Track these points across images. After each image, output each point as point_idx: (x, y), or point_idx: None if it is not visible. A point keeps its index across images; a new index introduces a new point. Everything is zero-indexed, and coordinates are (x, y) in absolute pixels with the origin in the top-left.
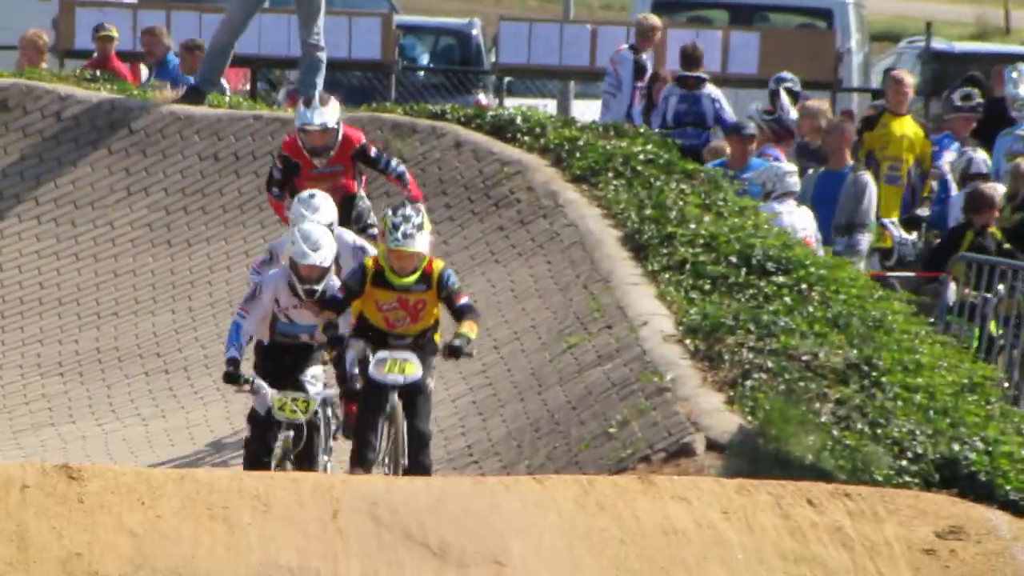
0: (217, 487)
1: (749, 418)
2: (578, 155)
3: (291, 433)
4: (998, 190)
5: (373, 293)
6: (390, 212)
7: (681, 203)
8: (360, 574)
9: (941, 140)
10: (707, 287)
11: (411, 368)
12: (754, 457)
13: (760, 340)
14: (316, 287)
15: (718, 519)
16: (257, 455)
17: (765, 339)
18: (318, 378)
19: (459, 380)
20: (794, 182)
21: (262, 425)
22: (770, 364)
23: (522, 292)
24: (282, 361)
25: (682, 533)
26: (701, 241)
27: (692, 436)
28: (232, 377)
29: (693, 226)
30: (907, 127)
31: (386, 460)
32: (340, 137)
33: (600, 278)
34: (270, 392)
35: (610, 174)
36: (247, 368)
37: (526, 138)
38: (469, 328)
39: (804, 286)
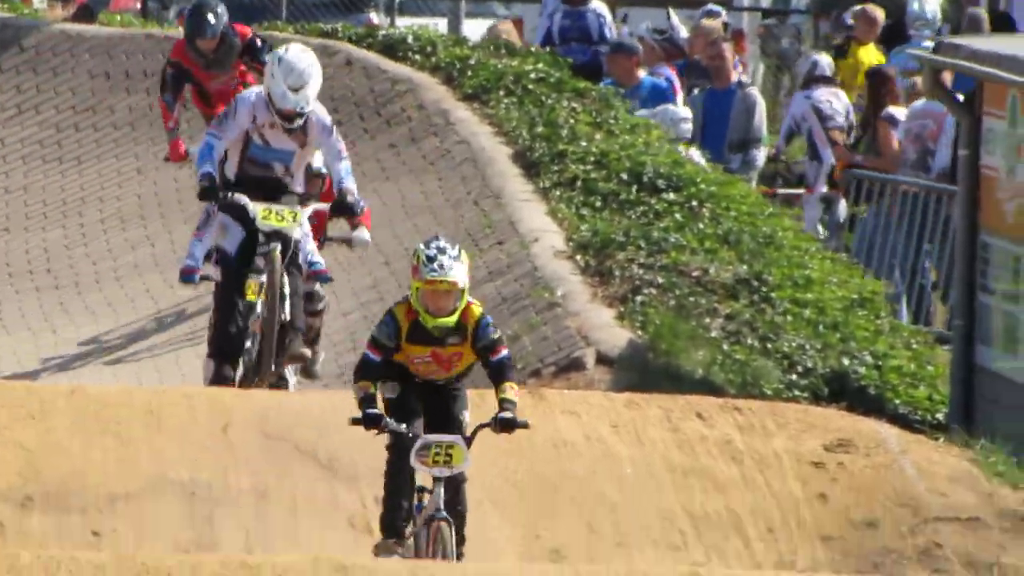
0: (108, 402)
1: (639, 333)
2: (469, 74)
3: (278, 245)
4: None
5: (406, 350)
6: (421, 245)
7: (572, 121)
8: (250, 487)
9: None
10: (598, 204)
11: (458, 456)
12: (644, 371)
13: (650, 256)
14: (293, 125)
15: (607, 433)
16: (229, 301)
17: (655, 255)
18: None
19: (350, 295)
20: (687, 128)
21: (232, 266)
22: (660, 280)
23: (413, 208)
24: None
25: (572, 446)
26: (592, 158)
27: (582, 351)
28: (209, 192)
29: (584, 144)
30: (872, 56)
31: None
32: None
33: (491, 195)
34: (251, 204)
35: (501, 92)
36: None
37: (417, 57)
38: (511, 391)
39: (695, 203)
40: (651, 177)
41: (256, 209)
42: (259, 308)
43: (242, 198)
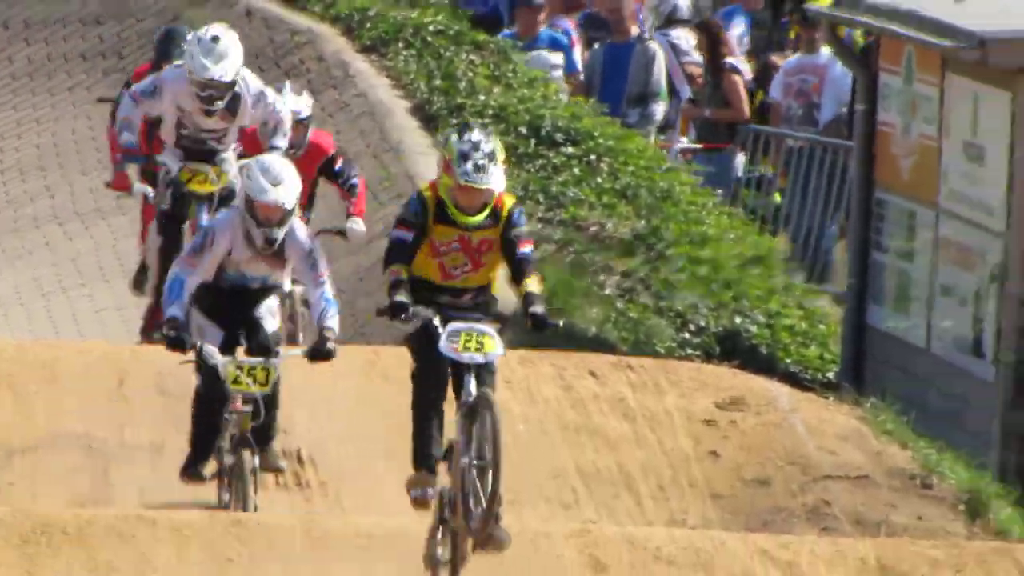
0: (3, 355)
1: None
2: (369, 25)
3: (249, 408)
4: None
5: (431, 232)
6: (454, 136)
7: (471, 74)
8: (147, 442)
9: (730, 13)
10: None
11: (490, 344)
12: None
13: (549, 211)
14: (276, 233)
15: (503, 390)
16: (209, 409)
17: (554, 210)
18: (274, 313)
19: None
20: (558, 75)
21: (215, 374)
22: (558, 235)
23: None
24: (230, 298)
25: None
26: (490, 112)
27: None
28: (176, 342)
29: (482, 97)
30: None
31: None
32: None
33: (390, 148)
34: (221, 361)
35: (400, 44)
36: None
37: (317, 7)
38: (535, 285)
39: (593, 157)
40: (549, 131)
41: (226, 371)
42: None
43: (212, 352)
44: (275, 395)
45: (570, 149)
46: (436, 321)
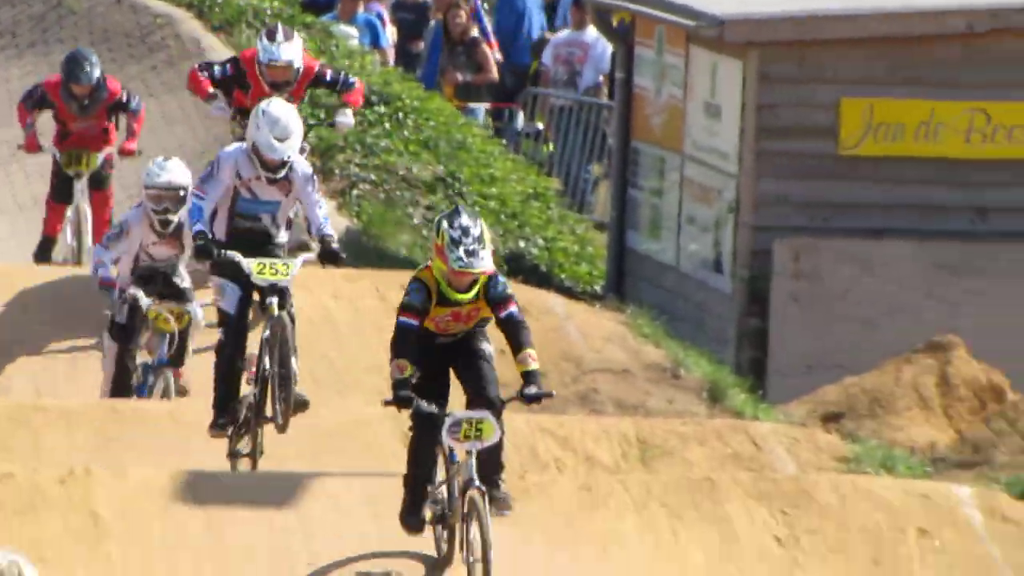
0: None
1: (355, 220)
2: (217, 9)
3: (275, 299)
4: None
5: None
6: (445, 223)
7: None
8: (38, 344)
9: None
10: (322, 115)
11: (488, 430)
12: (359, 252)
13: (365, 158)
14: (277, 175)
15: (330, 302)
16: (232, 359)
17: (369, 157)
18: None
19: (120, 189)
20: (354, 43)
21: (235, 328)
22: (372, 177)
23: (171, 119)
24: (243, 249)
25: (300, 313)
26: None
27: (307, 236)
28: (204, 250)
29: None
30: None
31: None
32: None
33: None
34: (245, 261)
35: (244, 24)
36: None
37: None
38: (532, 360)
39: (401, 115)
40: (366, 94)
41: (250, 265)
42: (265, 363)
43: (234, 255)
44: (293, 344)
45: (382, 108)
46: (434, 408)
